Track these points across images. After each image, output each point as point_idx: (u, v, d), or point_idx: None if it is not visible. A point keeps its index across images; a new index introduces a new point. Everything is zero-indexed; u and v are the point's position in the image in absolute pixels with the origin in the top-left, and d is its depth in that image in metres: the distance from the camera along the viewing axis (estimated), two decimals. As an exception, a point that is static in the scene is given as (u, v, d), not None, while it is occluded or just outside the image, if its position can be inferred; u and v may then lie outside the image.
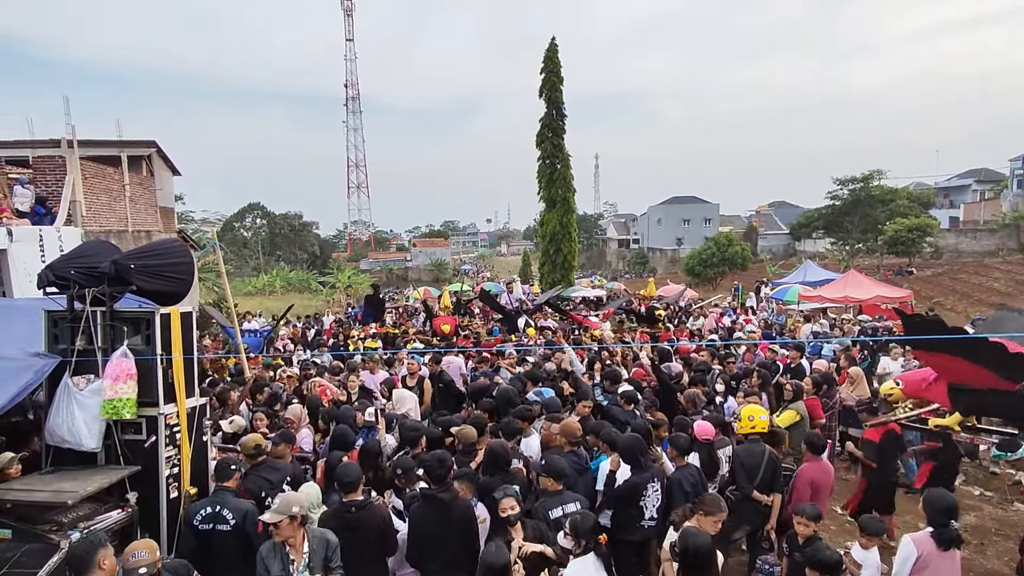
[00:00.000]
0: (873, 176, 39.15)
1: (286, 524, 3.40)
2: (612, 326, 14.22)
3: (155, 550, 3.07)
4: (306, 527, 3.53)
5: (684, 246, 57.11)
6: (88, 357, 3.94)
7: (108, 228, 12.34)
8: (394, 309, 23.73)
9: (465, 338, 12.31)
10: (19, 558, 3.20)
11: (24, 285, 8.07)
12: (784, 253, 53.87)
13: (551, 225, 27.22)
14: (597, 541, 3.35)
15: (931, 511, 3.80)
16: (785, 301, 17.79)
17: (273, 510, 3.43)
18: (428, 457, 4.14)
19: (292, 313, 16.28)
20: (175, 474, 4.06)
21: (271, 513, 3.42)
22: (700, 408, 6.32)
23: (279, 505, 3.44)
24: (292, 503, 3.46)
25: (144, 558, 2.97)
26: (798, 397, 6.49)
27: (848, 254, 38.41)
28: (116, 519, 3.66)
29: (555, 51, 26.91)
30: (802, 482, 4.94)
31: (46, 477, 3.80)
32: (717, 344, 9.47)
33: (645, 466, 4.58)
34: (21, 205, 9.78)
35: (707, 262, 39.04)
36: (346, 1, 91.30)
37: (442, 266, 70.13)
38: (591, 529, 3.42)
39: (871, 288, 14.72)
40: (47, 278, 4.03)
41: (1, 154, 11.71)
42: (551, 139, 27.04)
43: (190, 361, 4.27)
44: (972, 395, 4.89)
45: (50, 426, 3.85)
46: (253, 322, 17.57)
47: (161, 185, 16.35)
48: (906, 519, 6.26)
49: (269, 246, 62.84)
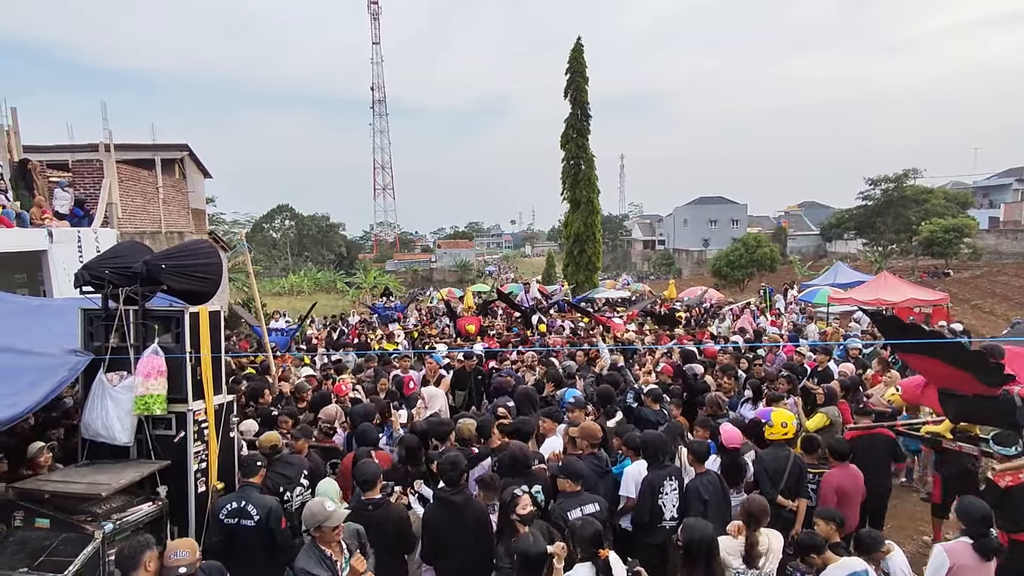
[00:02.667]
0: (908, 175, 38.08)
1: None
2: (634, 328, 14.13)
3: (195, 550, 3.16)
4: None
5: (711, 247, 56.34)
6: (121, 354, 4.05)
7: (142, 229, 12.72)
8: (417, 310, 23.92)
9: (490, 338, 12.42)
10: (57, 546, 3.33)
11: (63, 284, 8.37)
12: (814, 254, 52.78)
13: (575, 226, 27.16)
14: (595, 554, 3.29)
15: (968, 520, 3.66)
16: (814, 303, 17.42)
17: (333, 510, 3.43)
18: (441, 459, 4.17)
19: (317, 312, 16.56)
20: (203, 469, 4.16)
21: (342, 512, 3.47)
22: (724, 412, 6.24)
23: (333, 507, 3.46)
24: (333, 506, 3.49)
25: (184, 557, 3.07)
26: (830, 401, 6.34)
27: (881, 255, 37.44)
28: (147, 512, 3.76)
29: (580, 51, 26.86)
30: (827, 489, 4.82)
31: (82, 469, 3.92)
32: (741, 346, 9.33)
33: (663, 464, 4.54)
34: (61, 207, 10.13)
35: (734, 264, 38.42)
36: (373, 5, 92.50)
37: (466, 267, 70.43)
38: (590, 538, 3.35)
39: (904, 290, 14.31)
40: (83, 278, 4.16)
41: (43, 158, 12.17)
42: (575, 140, 27.00)
43: (218, 359, 4.38)
44: (960, 401, 4.74)
45: (86, 420, 3.98)
46: (280, 321, 17.91)
47: (193, 187, 16.81)
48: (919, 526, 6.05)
49: (297, 247, 63.94)
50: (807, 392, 6.93)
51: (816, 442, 5.30)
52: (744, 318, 15.92)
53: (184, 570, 3.03)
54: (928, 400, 5.42)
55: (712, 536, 3.31)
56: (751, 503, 3.78)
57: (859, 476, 4.97)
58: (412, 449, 4.80)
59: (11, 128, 10.48)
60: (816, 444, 5.28)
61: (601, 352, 8.52)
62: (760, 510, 3.69)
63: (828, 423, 6.10)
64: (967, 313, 21.66)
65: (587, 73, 26.89)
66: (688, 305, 20.22)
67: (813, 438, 5.36)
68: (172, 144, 16.34)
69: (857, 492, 4.91)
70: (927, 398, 5.37)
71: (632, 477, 4.65)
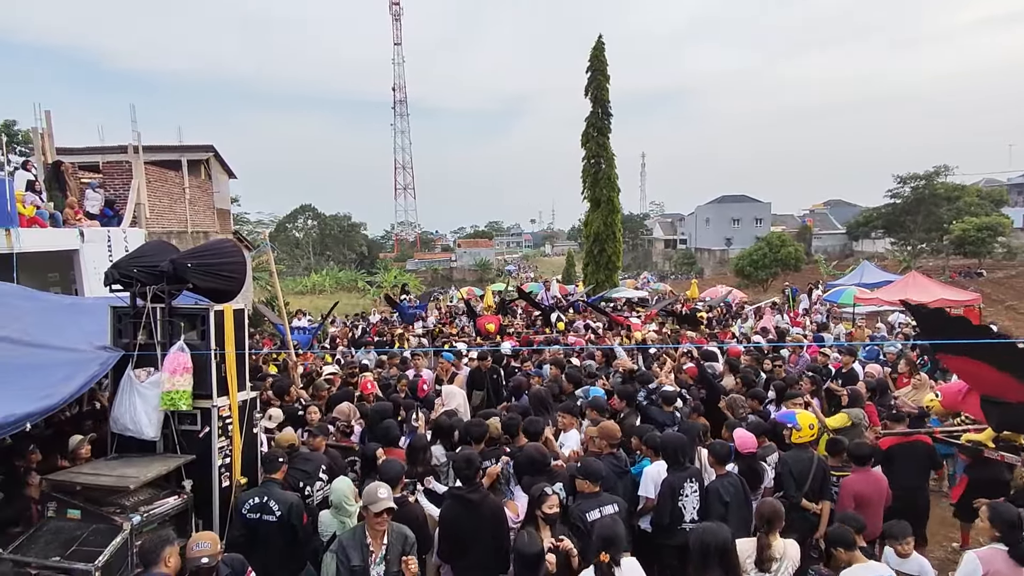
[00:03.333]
0: (939, 172, 37.13)
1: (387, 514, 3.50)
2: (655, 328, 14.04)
3: (217, 543, 3.23)
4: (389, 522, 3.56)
5: (734, 246, 55.64)
6: (149, 351, 4.16)
7: (169, 229, 13.00)
8: (437, 309, 24.06)
9: (510, 336, 12.46)
10: (87, 536, 3.43)
11: (94, 283, 8.60)
12: (840, 254, 51.78)
13: (595, 225, 27.00)
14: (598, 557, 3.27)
15: (1002, 526, 3.56)
16: (839, 304, 17.09)
17: (385, 498, 3.48)
18: (457, 457, 4.19)
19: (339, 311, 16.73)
20: (227, 464, 4.24)
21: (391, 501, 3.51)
22: (744, 414, 6.14)
23: (386, 494, 3.51)
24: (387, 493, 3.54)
25: (206, 548, 3.13)
26: (855, 403, 6.22)
27: (910, 255, 36.60)
28: (172, 505, 3.85)
29: (601, 49, 26.69)
30: (846, 494, 4.71)
31: (111, 463, 4.02)
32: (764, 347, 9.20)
33: (684, 465, 4.50)
34: (92, 208, 10.41)
35: (758, 263, 37.86)
36: (394, 6, 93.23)
37: (486, 266, 70.59)
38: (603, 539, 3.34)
39: (934, 291, 13.93)
40: (112, 276, 4.27)
41: (75, 160, 12.51)
42: (596, 138, 26.84)
43: (241, 356, 4.46)
44: (1003, 408, 4.48)
45: (114, 415, 4.08)
46: (303, 320, 18.15)
47: (218, 188, 17.14)
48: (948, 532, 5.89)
49: (320, 246, 64.79)
50: (831, 393, 6.81)
51: (841, 444, 5.20)
52: (766, 318, 15.71)
53: (206, 560, 3.09)
54: (969, 407, 5.24)
55: (726, 541, 3.25)
56: (763, 506, 3.73)
57: (881, 481, 4.85)
58: (417, 450, 4.85)
59: (45, 131, 10.81)
60: (841, 446, 5.18)
61: (618, 353, 8.48)
62: (772, 513, 3.62)
63: (849, 423, 5.98)
64: (1000, 314, 21.08)
65: (608, 71, 26.71)
66: (710, 305, 20.01)
67: (839, 440, 5.27)
68: (198, 145, 16.69)
69: (879, 498, 4.79)
70: (968, 405, 5.20)
71: (651, 477, 4.62)
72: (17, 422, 3.06)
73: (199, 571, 3.10)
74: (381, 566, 3.46)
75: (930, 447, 5.46)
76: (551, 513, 3.69)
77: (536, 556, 3.28)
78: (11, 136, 23.11)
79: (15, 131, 23.87)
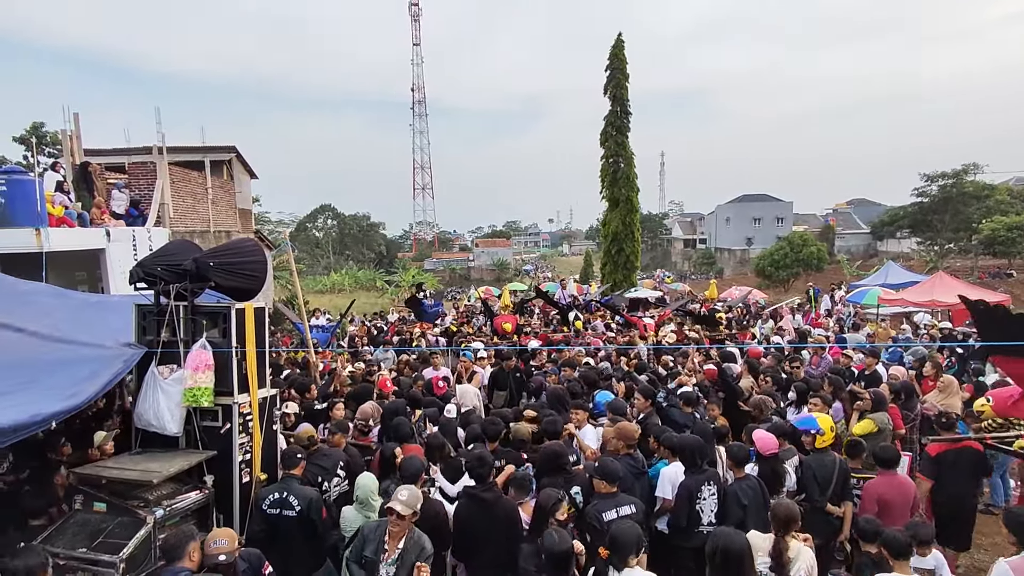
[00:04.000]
0: (967, 170, 36.21)
1: (409, 517, 3.49)
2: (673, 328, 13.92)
3: (234, 540, 3.29)
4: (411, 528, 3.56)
5: (754, 246, 54.89)
6: (172, 348, 4.23)
7: (192, 229, 13.22)
8: (455, 308, 24.15)
9: (526, 335, 12.44)
10: (112, 528, 3.52)
11: (119, 281, 8.78)
12: (864, 254, 50.87)
13: (614, 225, 26.87)
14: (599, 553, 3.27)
15: (1018, 530, 3.48)
16: (863, 304, 16.77)
17: (403, 502, 3.47)
18: (470, 456, 4.20)
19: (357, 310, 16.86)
20: (247, 460, 4.30)
21: (403, 505, 3.46)
22: (769, 415, 6.06)
23: (409, 499, 3.51)
24: (417, 500, 3.56)
25: (224, 546, 3.19)
26: (879, 407, 6.10)
27: (937, 255, 35.77)
28: (195, 499, 3.92)
29: (621, 47, 26.56)
30: (868, 498, 4.61)
31: (135, 457, 4.10)
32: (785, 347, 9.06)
33: (701, 468, 4.46)
34: (118, 208, 10.63)
35: (779, 263, 37.30)
36: (413, 7, 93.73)
37: (504, 266, 70.67)
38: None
39: (961, 291, 13.59)
40: (137, 275, 4.35)
41: (101, 161, 12.79)
42: (615, 137, 26.71)
43: (262, 354, 4.51)
44: None
45: (138, 411, 4.16)
46: (321, 319, 18.35)
47: (240, 188, 17.36)
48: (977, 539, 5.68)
49: (339, 246, 65.41)
50: (854, 396, 6.68)
51: (861, 447, 5.14)
52: (786, 319, 15.48)
53: (223, 558, 3.15)
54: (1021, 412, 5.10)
55: (743, 548, 3.21)
56: (779, 508, 3.66)
57: (907, 485, 4.74)
58: (433, 448, 4.88)
59: (73, 133, 11.06)
60: (861, 449, 5.12)
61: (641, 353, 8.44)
62: (788, 515, 3.56)
63: (875, 430, 5.86)
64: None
65: (628, 70, 26.57)
66: (729, 305, 19.78)
67: (858, 443, 5.19)
68: (220, 146, 16.93)
69: (904, 501, 4.66)
70: (1019, 410, 5.04)
71: (669, 478, 4.58)
72: (44, 421, 3.13)
73: (217, 568, 3.15)
74: (392, 567, 3.46)
75: (980, 453, 5.32)
76: (563, 520, 3.70)
77: (566, 554, 3.29)
78: (40, 137, 23.72)
79: (43, 132, 24.48)
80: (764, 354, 9.18)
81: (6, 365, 3.65)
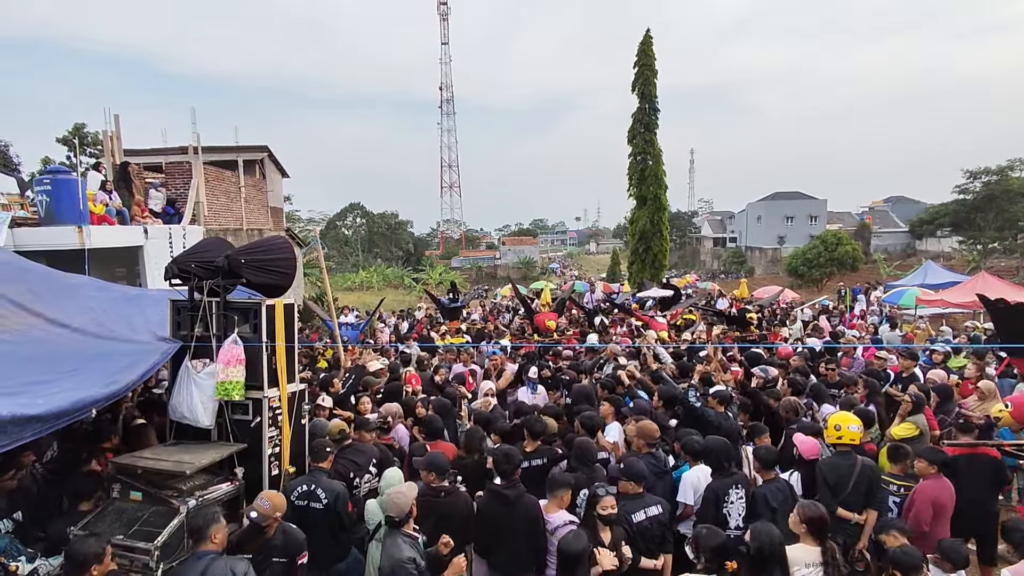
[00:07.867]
0: (1013, 166, 34.81)
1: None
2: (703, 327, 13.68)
3: (278, 508, 3.43)
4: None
5: (786, 245, 53.73)
6: (205, 343, 4.34)
7: (226, 227, 13.55)
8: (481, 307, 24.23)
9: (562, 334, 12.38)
10: (148, 517, 3.63)
11: (156, 277, 9.05)
12: (902, 253, 49.36)
13: (641, 223, 26.60)
14: (722, 565, 3.19)
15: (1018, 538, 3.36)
16: (900, 305, 16.27)
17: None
18: (496, 452, 4.21)
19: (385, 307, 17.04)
20: (276, 453, 4.39)
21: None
22: (800, 416, 5.92)
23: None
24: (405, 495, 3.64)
25: (264, 506, 3.35)
26: (919, 410, 5.88)
27: (980, 254, 34.47)
28: (225, 491, 4.01)
29: (649, 43, 26.28)
30: (922, 500, 4.38)
31: (169, 448, 4.22)
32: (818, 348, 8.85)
33: (729, 471, 4.38)
34: (155, 206, 10.97)
35: (812, 262, 36.41)
36: (442, 5, 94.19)
37: (530, 264, 70.59)
38: (715, 548, 3.28)
39: (1005, 292, 13.01)
40: (172, 271, 4.46)
41: (140, 161, 13.19)
42: (643, 135, 26.43)
43: (291, 349, 4.60)
44: None
45: (173, 403, 4.28)
46: (350, 316, 18.60)
47: (272, 187, 17.72)
48: None
49: (367, 244, 66.23)
50: (890, 399, 6.49)
51: (903, 451, 4.85)
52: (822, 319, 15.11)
53: (254, 515, 3.26)
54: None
55: (779, 541, 3.15)
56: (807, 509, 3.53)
57: (951, 489, 4.57)
58: (473, 439, 4.92)
59: (113, 134, 11.43)
60: (903, 453, 4.83)
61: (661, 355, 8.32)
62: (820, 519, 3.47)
63: (917, 433, 5.65)
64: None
65: (656, 66, 26.28)
66: (760, 305, 19.37)
67: (899, 447, 4.92)
68: (253, 146, 17.29)
69: (952, 504, 4.50)
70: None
71: (690, 483, 4.52)
72: (85, 407, 3.25)
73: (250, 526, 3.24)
74: None
75: (996, 460, 5.09)
76: (606, 515, 3.67)
77: (576, 556, 3.26)
78: (81, 138, 24.61)
79: (84, 133, 25.40)
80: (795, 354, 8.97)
81: (54, 357, 3.80)
